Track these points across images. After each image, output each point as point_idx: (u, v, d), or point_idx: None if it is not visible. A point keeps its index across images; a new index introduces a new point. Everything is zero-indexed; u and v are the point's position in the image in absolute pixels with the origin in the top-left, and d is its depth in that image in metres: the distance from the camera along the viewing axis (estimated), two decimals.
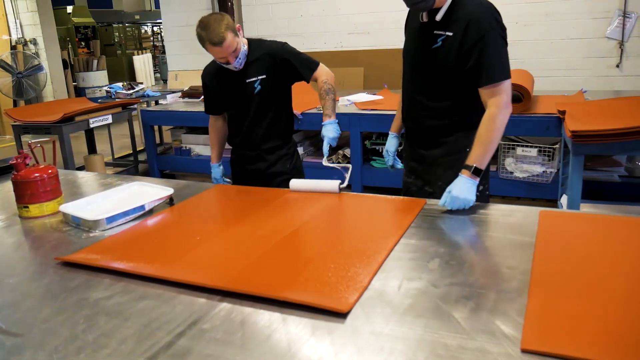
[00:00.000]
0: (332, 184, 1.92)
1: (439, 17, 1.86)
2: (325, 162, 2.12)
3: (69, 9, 12.70)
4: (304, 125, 3.97)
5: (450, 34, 1.84)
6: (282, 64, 2.33)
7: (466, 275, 1.30)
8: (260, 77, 2.33)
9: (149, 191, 2.00)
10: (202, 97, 2.60)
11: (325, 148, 2.18)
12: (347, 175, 1.95)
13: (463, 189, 1.73)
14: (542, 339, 1.00)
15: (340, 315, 1.13)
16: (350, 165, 1.99)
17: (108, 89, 5.48)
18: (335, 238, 1.56)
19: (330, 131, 2.20)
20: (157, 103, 5.72)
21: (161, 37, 18.51)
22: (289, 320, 1.13)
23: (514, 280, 1.26)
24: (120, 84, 5.58)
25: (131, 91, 5.36)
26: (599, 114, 3.01)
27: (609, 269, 1.28)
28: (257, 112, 2.39)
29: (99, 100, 5.21)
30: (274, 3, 6.05)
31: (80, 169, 4.77)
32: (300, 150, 2.67)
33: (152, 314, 1.19)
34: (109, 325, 1.15)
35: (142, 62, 12.44)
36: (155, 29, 18.80)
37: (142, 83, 6.08)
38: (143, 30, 17.57)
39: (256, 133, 2.42)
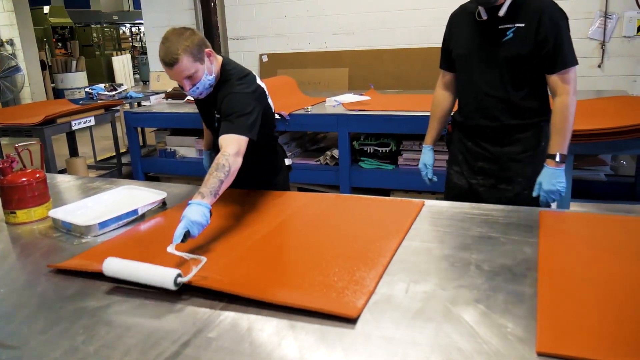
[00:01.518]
0: (167, 276, 1.26)
1: (502, 12, 1.94)
2: (170, 250, 1.41)
3: (46, 9, 12.47)
4: (291, 126, 3.94)
5: (522, 25, 1.92)
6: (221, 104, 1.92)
7: (473, 277, 1.29)
8: (217, 116, 1.98)
9: (141, 195, 1.95)
10: (187, 97, 2.45)
11: (178, 232, 1.44)
12: (195, 270, 1.29)
13: (552, 180, 1.91)
14: (557, 341, 0.99)
15: (349, 320, 1.11)
16: (204, 259, 1.35)
17: (90, 90, 5.36)
18: (336, 241, 1.53)
19: (194, 213, 1.49)
20: (139, 105, 5.62)
21: (140, 37, 18.29)
22: (298, 327, 1.10)
23: (521, 282, 1.25)
24: (102, 85, 5.47)
25: (113, 92, 5.26)
26: (586, 114, 3.03)
27: (614, 269, 1.28)
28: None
29: (80, 102, 5.10)
30: (258, 3, 6.00)
31: (62, 172, 4.67)
32: (286, 157, 2.25)
33: (155, 322, 1.15)
34: (110, 336, 1.10)
35: (121, 63, 12.27)
36: (133, 29, 18.55)
37: (122, 84, 5.98)
38: (121, 31, 17.34)
39: None
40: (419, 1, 5.20)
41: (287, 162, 2.35)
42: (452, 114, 2.28)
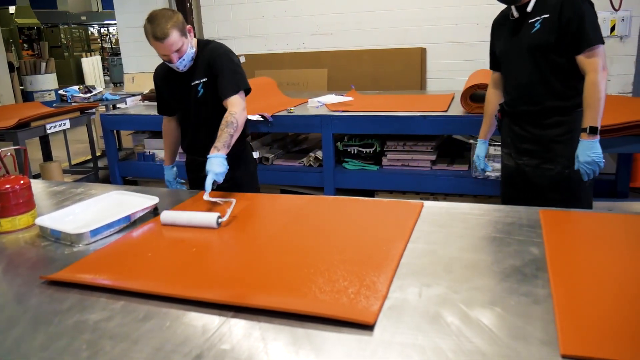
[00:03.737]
0: (210, 218, 1.67)
1: (529, 8, 2.17)
2: (206, 197, 1.86)
3: (11, 9, 12.11)
4: (274, 127, 3.89)
5: (547, 15, 2.12)
6: (212, 68, 2.22)
7: (483, 278, 1.27)
8: (202, 80, 2.24)
9: (131, 200, 1.88)
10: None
11: (209, 183, 1.89)
12: (229, 210, 1.72)
13: (587, 151, 2.06)
14: (581, 343, 0.98)
15: (366, 327, 1.08)
16: (234, 200, 1.78)
17: (63, 93, 5.20)
18: (341, 245, 1.50)
19: (215, 165, 1.93)
20: (114, 107, 5.49)
21: (110, 38, 17.93)
22: (314, 335, 1.07)
23: (533, 283, 1.24)
24: (76, 87, 5.31)
25: (89, 95, 5.11)
26: None
27: (623, 267, 1.29)
28: (199, 116, 2.31)
29: (54, 105, 4.95)
30: (235, 4, 5.92)
31: (36, 177, 4.52)
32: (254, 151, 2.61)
33: (163, 335, 1.10)
34: (116, 350, 1.05)
35: (91, 65, 12.02)
36: (102, 30, 18.18)
37: (94, 86, 5.83)
38: (90, 32, 16.97)
39: (201, 137, 2.34)
40: (397, 2, 5.21)
41: (255, 155, 2.58)
42: (500, 103, 2.46)
